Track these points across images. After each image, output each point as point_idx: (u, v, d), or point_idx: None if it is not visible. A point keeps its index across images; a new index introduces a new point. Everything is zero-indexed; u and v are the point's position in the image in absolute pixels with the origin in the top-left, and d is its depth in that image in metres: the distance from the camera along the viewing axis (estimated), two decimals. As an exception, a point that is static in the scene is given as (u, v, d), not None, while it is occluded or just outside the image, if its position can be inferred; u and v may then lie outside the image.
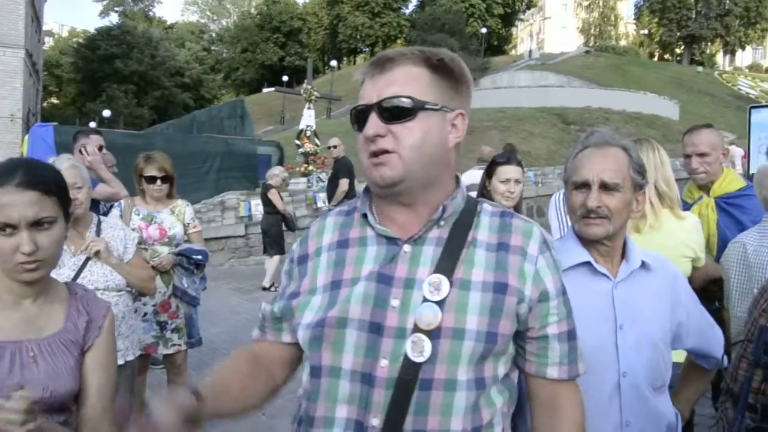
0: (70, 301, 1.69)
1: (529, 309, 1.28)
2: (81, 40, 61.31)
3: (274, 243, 9.12)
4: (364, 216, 1.35)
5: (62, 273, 2.85)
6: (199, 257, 4.06)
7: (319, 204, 12.54)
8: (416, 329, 1.22)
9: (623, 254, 1.82)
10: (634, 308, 1.75)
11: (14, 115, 32.21)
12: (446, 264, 1.26)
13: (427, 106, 1.27)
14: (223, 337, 6.53)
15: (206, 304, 4.40)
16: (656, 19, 64.55)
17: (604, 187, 1.74)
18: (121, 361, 3.08)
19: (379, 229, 1.31)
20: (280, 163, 15.69)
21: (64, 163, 3.11)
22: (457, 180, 1.38)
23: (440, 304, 1.23)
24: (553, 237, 3.43)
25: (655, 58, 66.65)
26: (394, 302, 1.24)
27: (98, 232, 3.11)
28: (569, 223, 1.89)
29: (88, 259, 2.97)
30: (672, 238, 2.55)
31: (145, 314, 3.85)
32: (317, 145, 14.83)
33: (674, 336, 1.82)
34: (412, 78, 1.28)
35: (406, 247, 1.29)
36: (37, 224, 1.52)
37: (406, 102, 1.26)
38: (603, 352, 1.69)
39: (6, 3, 32.26)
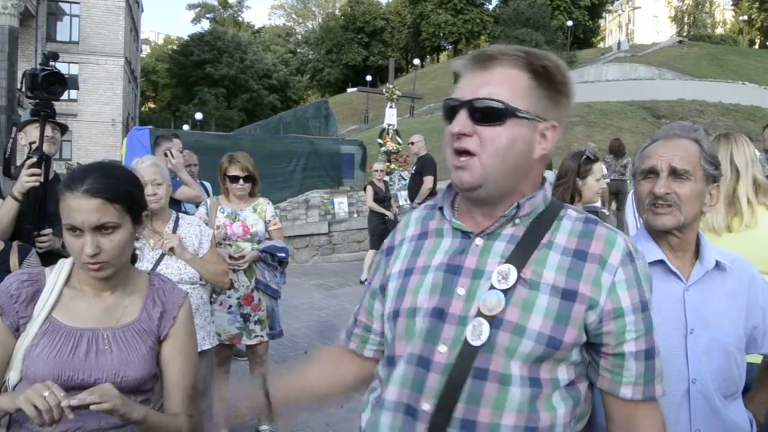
0: (148, 292, 1.80)
1: (600, 321, 1.23)
2: (175, 47, 64.18)
3: (371, 237, 9.29)
4: (441, 209, 1.38)
5: (141, 266, 3.06)
6: (282, 255, 4.22)
7: (401, 202, 12.62)
8: (479, 314, 1.22)
9: (697, 252, 1.75)
10: (706, 312, 1.68)
11: (115, 119, 34.15)
12: (517, 258, 1.25)
13: (519, 114, 1.23)
14: (305, 331, 6.69)
15: (290, 300, 4.55)
16: (757, 4, 60.95)
17: (673, 173, 1.67)
18: (199, 348, 3.27)
19: (454, 223, 1.34)
20: (363, 162, 15.91)
21: (146, 161, 3.33)
22: (542, 183, 1.35)
23: (506, 293, 1.22)
24: (629, 234, 3.40)
25: (756, 46, 62.97)
26: (460, 291, 1.26)
27: (175, 228, 3.30)
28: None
29: (164, 253, 3.17)
30: None
31: (230, 306, 4.03)
32: (399, 144, 14.92)
33: (749, 340, 1.74)
34: (510, 81, 1.24)
35: (478, 240, 1.29)
36: (100, 228, 1.62)
37: (497, 105, 1.22)
38: (671, 358, 1.63)
39: (108, 15, 34.24)
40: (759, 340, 1.76)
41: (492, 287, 1.23)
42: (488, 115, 1.23)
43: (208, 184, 5.87)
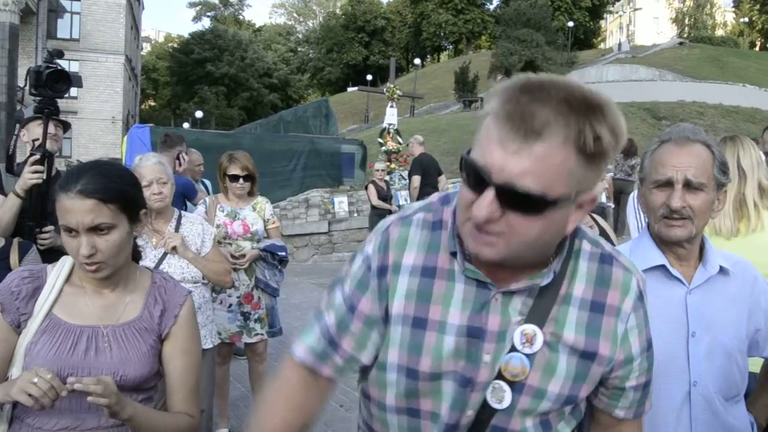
0: (149, 290, 1.78)
1: (611, 369, 1.23)
2: (176, 45, 64.18)
3: None
4: (453, 254, 1.20)
5: (143, 264, 3.08)
6: (283, 254, 4.25)
7: (401, 201, 12.62)
8: (500, 376, 1.18)
9: (700, 256, 1.74)
10: (709, 315, 1.68)
11: (115, 117, 34.16)
12: (538, 317, 1.18)
13: (559, 203, 1.03)
14: (306, 331, 6.67)
15: (289, 299, 4.56)
16: (758, 6, 60.96)
17: (688, 185, 1.64)
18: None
19: (469, 271, 1.18)
20: (363, 161, 15.91)
21: (150, 159, 3.32)
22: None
23: (530, 357, 1.17)
24: (631, 236, 3.40)
25: (756, 48, 62.97)
26: (486, 357, 1.19)
27: (178, 227, 3.30)
28: (645, 222, 1.82)
29: (167, 252, 3.18)
30: None
31: (230, 305, 4.05)
32: (400, 143, 14.93)
33: (751, 343, 1.74)
34: (555, 163, 0.99)
35: (498, 296, 1.18)
36: (95, 229, 1.61)
37: (536, 199, 1.00)
38: (673, 361, 1.64)
39: (108, 13, 34.23)
40: (761, 343, 1.76)
41: (514, 348, 1.17)
42: (522, 206, 1.02)
43: (208, 183, 5.88)
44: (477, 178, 1.04)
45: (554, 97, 1.00)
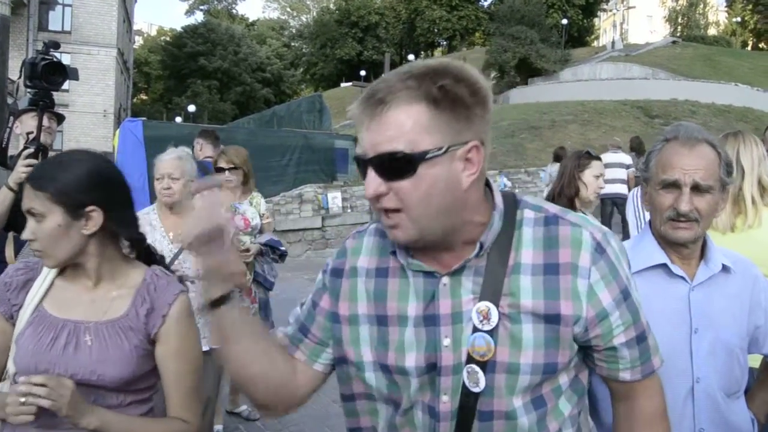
0: (139, 288, 1.71)
1: (585, 329, 1.20)
2: (168, 39, 63.88)
3: None
4: (394, 253, 1.26)
5: None
6: (283, 248, 4.36)
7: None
8: (470, 359, 1.18)
9: (701, 254, 1.74)
10: (711, 312, 1.68)
11: (107, 110, 34.00)
12: (490, 292, 1.18)
13: (428, 156, 1.09)
14: (299, 326, 6.68)
15: (283, 294, 4.62)
16: (750, 6, 61.22)
17: (696, 188, 1.64)
18: (206, 348, 3.24)
19: (414, 265, 1.23)
20: (357, 157, 15.85)
21: (170, 154, 3.31)
22: (493, 196, 1.24)
23: (492, 334, 1.17)
24: (630, 234, 3.41)
25: (749, 48, 63.26)
26: (446, 341, 1.20)
27: None
28: (646, 220, 1.82)
29: (183, 248, 3.17)
30: None
31: None
32: (393, 140, 14.91)
33: (751, 340, 1.75)
34: (408, 121, 1.09)
35: (445, 280, 1.21)
36: (31, 215, 1.61)
37: (401, 157, 1.09)
38: (677, 358, 1.63)
39: (101, 5, 34.05)
40: (761, 340, 1.77)
41: (476, 329, 1.18)
42: (395, 169, 1.10)
43: None
44: (361, 166, 1.16)
45: (396, 73, 1.15)
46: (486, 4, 61.57)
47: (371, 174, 1.14)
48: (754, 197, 2.34)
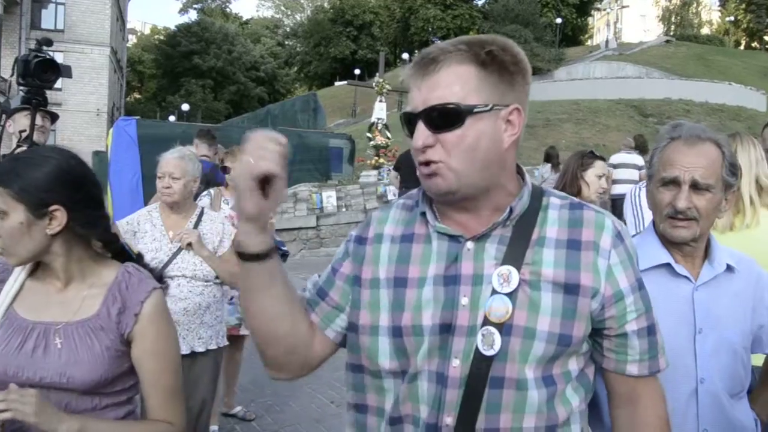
0: (110, 287, 1.65)
1: (602, 307, 1.23)
2: (162, 37, 63.65)
3: None
4: (423, 214, 1.31)
5: (157, 257, 3.08)
6: (285, 248, 4.39)
7: (390, 197, 12.61)
8: (486, 322, 1.19)
9: (705, 253, 1.72)
10: (715, 312, 1.66)
11: (100, 109, 33.86)
12: (513, 259, 1.22)
13: (476, 110, 1.19)
14: (295, 326, 6.67)
15: None
16: (743, 5, 61.47)
17: (695, 186, 1.63)
18: (201, 349, 3.22)
19: (440, 228, 1.27)
20: (352, 156, 15.85)
21: (174, 153, 3.29)
22: (523, 176, 1.31)
23: (511, 297, 1.19)
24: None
25: (742, 47, 63.51)
26: (464, 300, 1.21)
27: (198, 223, 3.27)
28: (644, 219, 1.81)
29: (182, 248, 3.15)
30: None
31: (232, 298, 4.06)
32: (388, 138, 14.89)
33: (755, 339, 1.73)
34: (458, 79, 1.19)
35: (469, 245, 1.24)
36: None
37: (452, 108, 1.18)
38: (681, 358, 1.61)
39: (94, 4, 33.91)
40: (764, 339, 1.76)
41: (495, 291, 1.20)
42: (445, 120, 1.19)
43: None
44: (410, 122, 1.24)
45: (447, 42, 1.24)
46: (480, 3, 61.58)
47: (420, 126, 1.21)
48: (752, 197, 2.35)
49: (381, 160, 14.61)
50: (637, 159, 10.14)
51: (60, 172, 1.61)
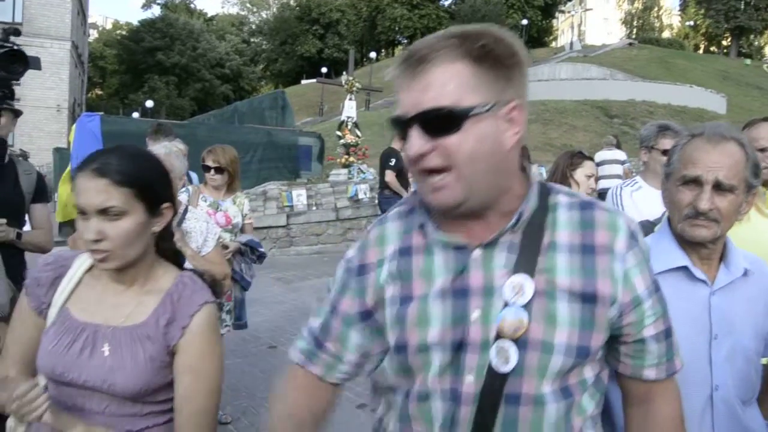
0: (164, 296, 1.59)
1: (620, 314, 1.16)
2: (124, 33, 62.47)
3: None
4: (421, 227, 1.22)
5: None
6: (262, 249, 4.35)
7: (360, 195, 12.53)
8: (499, 336, 1.12)
9: (721, 256, 1.67)
10: (731, 317, 1.62)
11: (60, 105, 33.01)
12: (525, 267, 1.14)
13: (473, 112, 1.07)
14: (267, 325, 6.59)
15: (250, 294, 4.59)
16: (702, 10, 62.92)
17: (718, 187, 1.57)
18: None
19: (443, 238, 1.18)
20: (321, 154, 15.69)
21: (159, 149, 3.17)
22: (528, 174, 1.23)
23: (526, 308, 1.12)
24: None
25: (701, 51, 65.01)
26: (475, 314, 1.14)
27: (181, 221, 3.16)
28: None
29: None
30: (763, 235, 2.24)
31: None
32: (358, 137, 14.79)
33: (766, 343, 1.69)
34: (452, 78, 1.08)
35: (476, 253, 1.16)
36: (105, 213, 1.48)
37: (447, 113, 1.07)
38: (696, 365, 1.56)
39: (54, -4, 33.00)
40: None
41: (507, 304, 1.12)
42: (441, 125, 1.08)
43: (194, 174, 5.79)
44: (402, 126, 1.12)
45: (435, 35, 1.13)
46: (447, 3, 61.90)
47: (414, 133, 1.10)
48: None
49: (351, 159, 14.50)
50: (619, 154, 10.73)
51: (164, 168, 1.62)
